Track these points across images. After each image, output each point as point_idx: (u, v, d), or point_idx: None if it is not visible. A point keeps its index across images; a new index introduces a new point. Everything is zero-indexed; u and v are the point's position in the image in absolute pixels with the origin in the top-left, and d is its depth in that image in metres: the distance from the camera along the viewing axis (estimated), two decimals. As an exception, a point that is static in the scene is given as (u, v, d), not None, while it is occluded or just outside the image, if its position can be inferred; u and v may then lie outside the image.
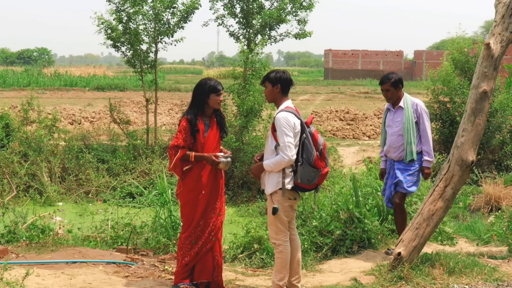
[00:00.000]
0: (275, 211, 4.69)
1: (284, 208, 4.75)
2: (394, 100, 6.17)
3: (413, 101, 6.15)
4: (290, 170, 4.69)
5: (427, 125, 6.09)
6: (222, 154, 4.99)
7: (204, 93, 5.03)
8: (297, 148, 4.68)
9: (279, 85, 4.82)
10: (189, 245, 5.03)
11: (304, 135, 4.71)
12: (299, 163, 4.67)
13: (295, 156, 4.61)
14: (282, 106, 4.80)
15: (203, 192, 5.00)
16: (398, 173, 6.05)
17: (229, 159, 4.98)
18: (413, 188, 6.08)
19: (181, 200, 5.13)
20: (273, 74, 4.86)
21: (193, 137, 5.00)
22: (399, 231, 6.07)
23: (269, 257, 6.33)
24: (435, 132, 14.54)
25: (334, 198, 6.92)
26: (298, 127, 4.70)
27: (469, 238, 7.71)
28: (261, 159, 4.89)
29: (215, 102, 5.05)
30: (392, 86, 6.13)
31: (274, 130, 4.72)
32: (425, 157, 6.05)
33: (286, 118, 4.65)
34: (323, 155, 4.79)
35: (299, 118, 4.74)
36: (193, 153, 4.97)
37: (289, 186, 4.69)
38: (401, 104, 6.13)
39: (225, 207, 5.31)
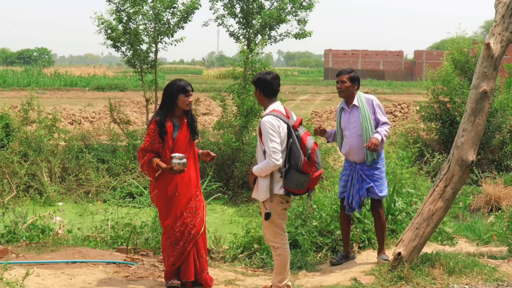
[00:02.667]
0: (267, 216, 4.65)
1: (277, 212, 4.70)
2: (346, 94, 5.88)
3: (367, 97, 5.90)
4: (280, 175, 4.59)
5: (385, 117, 5.86)
6: (177, 154, 4.90)
7: (173, 94, 4.97)
8: (285, 153, 4.57)
9: (258, 88, 4.73)
10: (170, 246, 5.05)
11: (291, 139, 4.57)
12: (286, 169, 4.56)
13: (281, 161, 4.50)
14: (268, 110, 4.69)
15: (176, 193, 5.01)
16: (366, 179, 5.79)
17: (184, 160, 4.90)
18: (385, 192, 5.93)
19: (157, 203, 5.15)
20: (256, 76, 4.76)
21: (161, 139, 4.97)
22: (379, 238, 6.03)
23: (269, 257, 6.33)
24: (435, 132, 14.55)
25: (334, 198, 6.92)
26: (285, 131, 4.57)
27: (469, 238, 7.70)
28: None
29: (184, 103, 4.98)
30: (349, 80, 5.84)
31: (260, 134, 4.62)
32: (378, 130, 5.71)
33: (270, 122, 4.53)
34: (311, 159, 4.60)
35: (286, 122, 4.60)
36: (156, 160, 4.96)
37: (281, 192, 4.62)
38: (355, 102, 5.85)
39: (205, 205, 5.26)
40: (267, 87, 4.71)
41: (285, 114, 4.70)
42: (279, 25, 15.73)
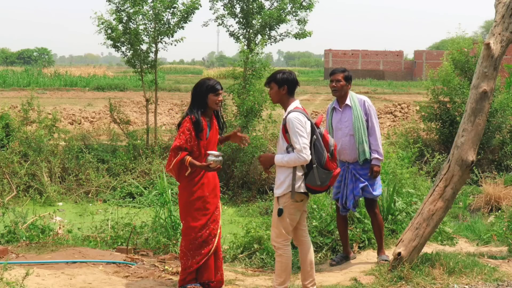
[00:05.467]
0: (280, 212, 4.65)
1: (290, 211, 4.66)
2: (340, 94, 5.90)
3: (360, 98, 5.90)
4: (302, 173, 4.62)
5: (375, 122, 5.86)
6: (214, 152, 4.91)
7: (202, 93, 5.01)
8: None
9: (285, 86, 4.75)
10: (198, 245, 5.00)
11: (314, 136, 4.64)
12: (313, 165, 4.59)
13: (310, 157, 4.56)
14: (291, 107, 4.73)
15: (208, 203, 5.03)
16: (360, 178, 5.81)
17: (220, 158, 4.90)
18: (379, 191, 5.93)
19: (181, 204, 5.09)
20: (280, 75, 4.78)
21: (197, 138, 4.95)
22: (377, 238, 6.02)
23: (269, 257, 6.33)
24: (435, 132, 14.56)
25: (334, 198, 6.91)
26: (309, 128, 4.64)
27: (469, 238, 7.71)
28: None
29: (213, 102, 5.02)
30: (344, 79, 5.88)
31: (285, 131, 4.63)
32: (374, 155, 5.79)
33: (297, 118, 4.58)
34: (334, 156, 4.70)
35: (309, 119, 4.68)
36: (189, 158, 4.88)
37: (300, 189, 4.63)
38: (347, 102, 5.87)
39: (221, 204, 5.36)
40: (293, 86, 4.79)
41: (305, 112, 4.77)
42: (279, 25, 15.72)
